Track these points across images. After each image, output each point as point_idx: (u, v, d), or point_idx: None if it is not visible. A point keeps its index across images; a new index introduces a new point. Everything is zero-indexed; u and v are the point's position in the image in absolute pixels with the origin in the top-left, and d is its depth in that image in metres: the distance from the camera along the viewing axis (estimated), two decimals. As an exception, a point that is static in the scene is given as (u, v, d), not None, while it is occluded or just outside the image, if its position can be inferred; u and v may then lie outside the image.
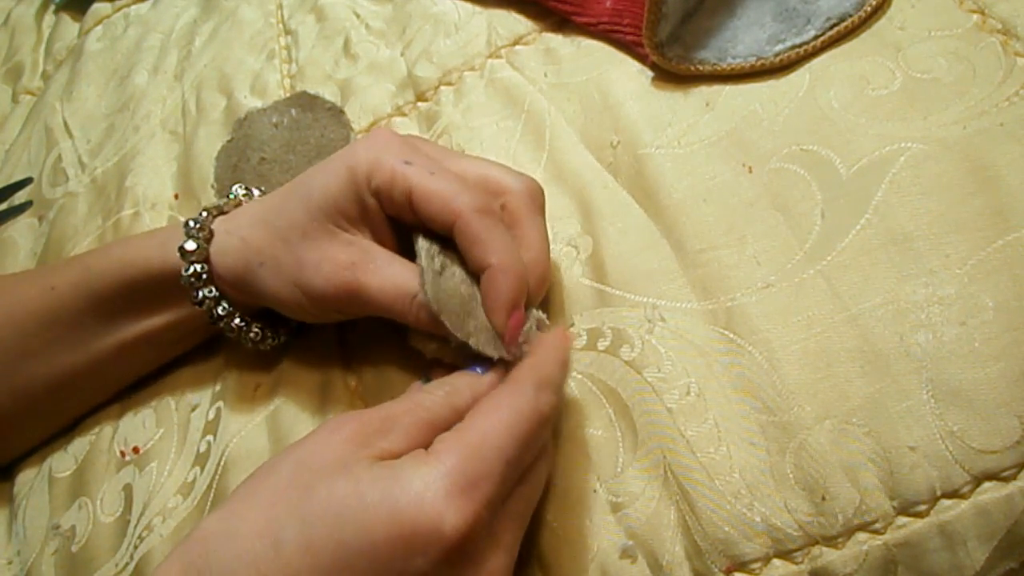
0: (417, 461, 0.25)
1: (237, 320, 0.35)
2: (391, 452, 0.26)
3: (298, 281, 0.32)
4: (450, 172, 0.31)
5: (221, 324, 0.35)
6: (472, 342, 0.29)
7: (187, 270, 0.34)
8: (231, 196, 0.37)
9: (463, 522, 0.24)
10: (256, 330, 0.36)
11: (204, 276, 0.34)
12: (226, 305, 0.35)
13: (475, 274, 0.30)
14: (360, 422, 0.27)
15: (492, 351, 0.29)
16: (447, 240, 0.31)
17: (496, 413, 0.26)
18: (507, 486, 0.26)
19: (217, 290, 0.34)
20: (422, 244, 0.31)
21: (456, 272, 0.30)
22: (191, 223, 0.34)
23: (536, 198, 0.32)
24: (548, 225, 0.33)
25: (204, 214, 0.35)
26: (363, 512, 0.24)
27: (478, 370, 0.30)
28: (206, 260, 0.34)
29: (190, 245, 0.34)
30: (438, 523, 0.24)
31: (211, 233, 0.34)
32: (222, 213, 0.36)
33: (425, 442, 0.27)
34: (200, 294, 0.34)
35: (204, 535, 0.25)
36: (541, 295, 0.32)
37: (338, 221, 0.32)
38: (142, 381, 0.40)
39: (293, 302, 0.33)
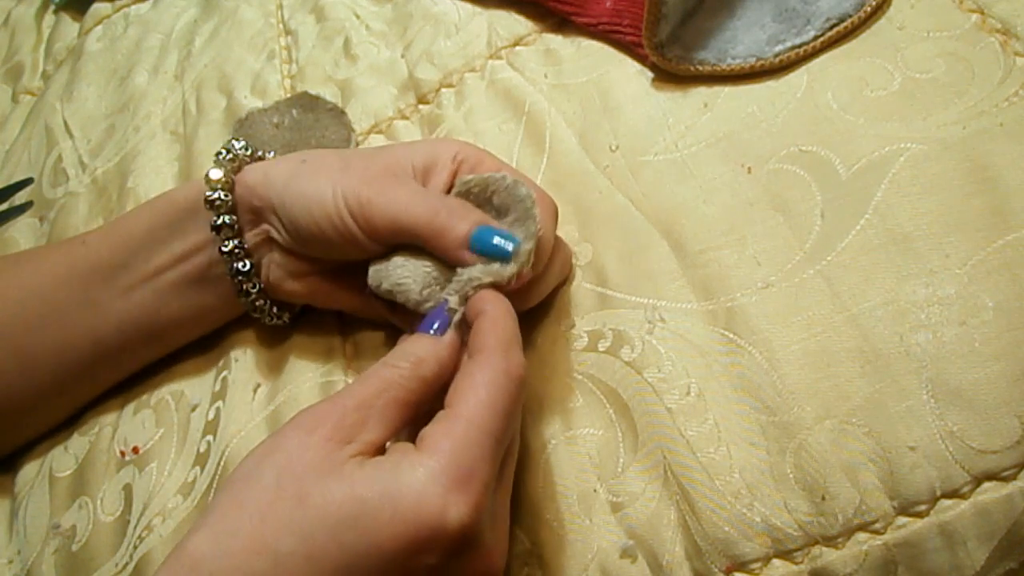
0: (411, 459, 0.25)
1: (245, 264, 0.35)
2: (375, 444, 0.26)
3: (337, 177, 0.32)
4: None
5: (229, 260, 0.35)
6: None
7: (211, 194, 0.34)
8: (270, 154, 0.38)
9: (466, 514, 0.24)
10: (258, 285, 0.35)
11: (227, 200, 0.34)
12: (239, 243, 0.34)
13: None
14: (335, 417, 0.26)
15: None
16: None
17: (476, 393, 0.26)
18: (498, 462, 0.26)
19: (237, 223, 0.34)
20: None
21: None
22: (222, 152, 0.35)
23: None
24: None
25: (240, 145, 0.35)
26: (364, 516, 0.24)
27: (434, 330, 0.30)
28: (231, 190, 0.34)
29: (215, 174, 0.34)
30: (442, 519, 0.24)
31: (242, 163, 0.35)
32: (263, 159, 0.36)
33: (403, 422, 0.27)
34: (221, 219, 0.34)
35: (194, 558, 0.23)
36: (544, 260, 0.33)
37: (404, 166, 0.33)
38: (142, 380, 0.40)
39: (319, 198, 0.32)
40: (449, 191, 0.33)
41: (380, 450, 0.26)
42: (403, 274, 0.32)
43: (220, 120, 0.50)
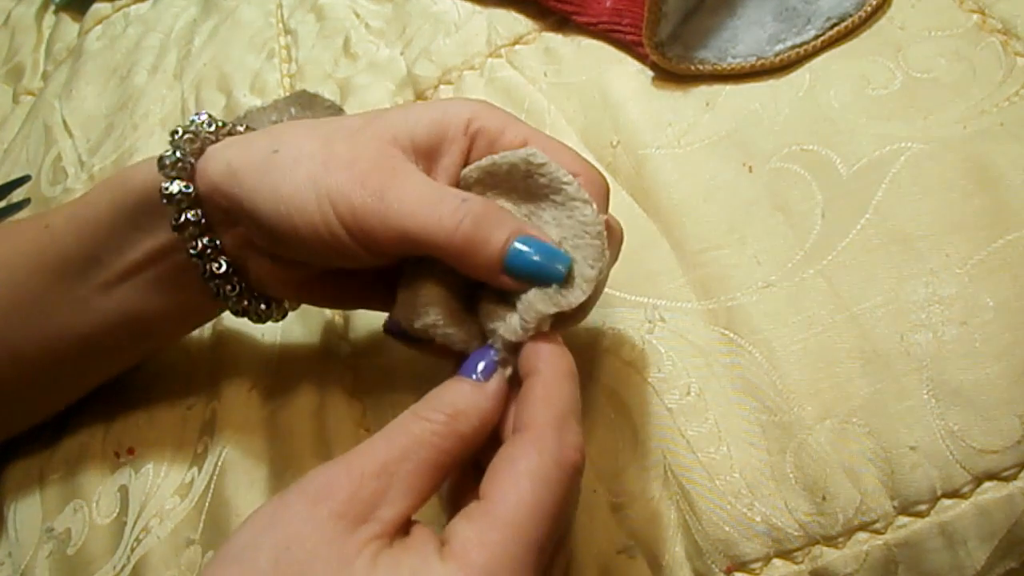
0: (434, 569, 0.20)
1: (220, 266, 0.29)
2: (396, 521, 0.21)
3: (319, 176, 0.25)
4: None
5: (201, 262, 0.29)
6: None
7: (167, 186, 0.28)
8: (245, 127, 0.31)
9: None
10: (238, 287, 0.30)
11: (189, 193, 0.28)
12: (211, 239, 0.29)
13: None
14: (350, 488, 0.21)
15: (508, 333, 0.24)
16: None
17: (518, 488, 0.21)
18: (543, 569, 0.22)
19: (204, 216, 0.28)
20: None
21: None
22: (179, 128, 0.28)
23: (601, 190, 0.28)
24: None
25: (205, 119, 0.29)
26: None
27: (477, 375, 0.24)
28: (191, 179, 0.28)
29: (170, 156, 0.28)
30: None
31: (203, 147, 0.29)
32: (231, 134, 0.30)
33: (433, 489, 0.23)
34: (183, 216, 0.28)
35: None
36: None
37: (403, 144, 0.26)
38: (133, 380, 0.40)
39: (299, 204, 0.25)
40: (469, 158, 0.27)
41: (403, 528, 0.22)
42: (438, 312, 0.25)
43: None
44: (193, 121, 0.29)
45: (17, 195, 0.53)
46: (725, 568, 0.27)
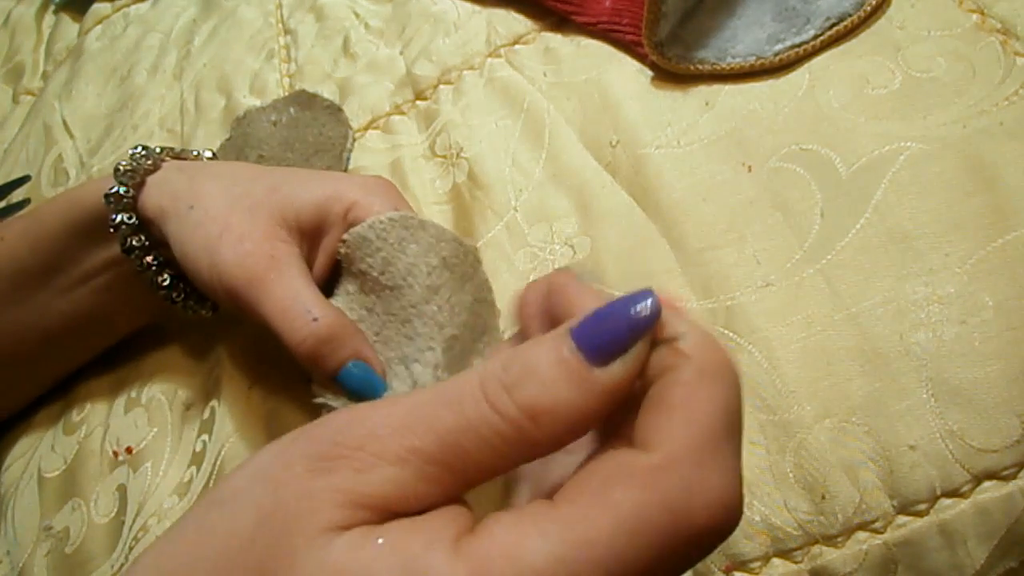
0: (442, 558, 0.15)
1: (165, 279, 0.33)
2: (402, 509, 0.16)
3: (214, 245, 0.29)
4: None
5: (148, 277, 0.33)
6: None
7: (114, 218, 0.32)
8: (194, 152, 0.36)
9: None
10: (183, 291, 0.34)
11: (132, 224, 0.32)
12: (156, 257, 0.33)
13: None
14: (356, 475, 0.16)
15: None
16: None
17: (599, 527, 0.15)
18: None
19: (147, 239, 0.32)
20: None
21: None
22: (121, 165, 0.32)
23: (390, 190, 0.32)
24: (547, 226, 0.33)
25: (141, 152, 0.33)
26: None
27: (598, 346, 0.16)
28: (134, 210, 0.32)
29: (118, 189, 0.32)
30: None
31: (143, 179, 0.32)
32: (178, 158, 0.34)
33: (465, 488, 0.16)
34: (128, 241, 0.32)
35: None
36: None
37: (290, 223, 0.30)
38: (132, 379, 0.40)
39: (196, 265, 0.30)
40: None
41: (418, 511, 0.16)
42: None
43: (219, 119, 0.50)
44: (133, 155, 0.33)
45: (17, 195, 0.53)
46: (724, 567, 0.27)
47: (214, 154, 0.37)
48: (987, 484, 0.26)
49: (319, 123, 0.45)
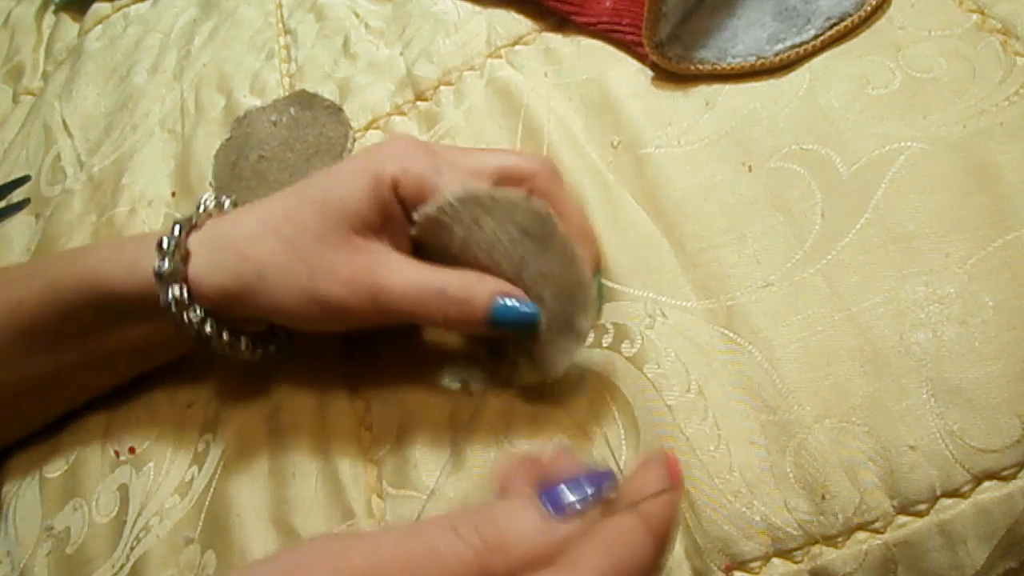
0: None
1: (226, 336, 0.33)
2: None
3: (310, 289, 0.30)
4: (473, 172, 0.31)
5: (210, 344, 0.33)
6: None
7: (167, 294, 0.31)
8: (199, 209, 0.34)
9: None
10: (246, 343, 0.34)
11: (186, 298, 0.31)
12: (213, 323, 0.32)
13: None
14: None
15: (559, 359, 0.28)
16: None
17: None
18: None
19: (202, 310, 0.32)
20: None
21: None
22: (165, 242, 0.31)
23: (557, 174, 0.33)
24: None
25: (177, 230, 0.32)
26: None
27: (560, 507, 0.20)
28: (184, 279, 0.31)
29: (166, 267, 0.31)
30: None
31: (187, 252, 0.32)
32: (194, 228, 0.33)
33: None
34: (185, 316, 0.31)
35: None
36: (598, 258, 0.33)
37: (358, 228, 0.30)
38: (136, 380, 0.40)
39: (300, 312, 0.31)
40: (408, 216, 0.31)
41: None
42: None
43: (219, 119, 0.50)
44: (173, 232, 0.32)
45: (17, 195, 0.53)
46: (724, 567, 0.27)
47: (217, 199, 0.35)
48: (987, 484, 0.26)
49: (319, 123, 0.45)
